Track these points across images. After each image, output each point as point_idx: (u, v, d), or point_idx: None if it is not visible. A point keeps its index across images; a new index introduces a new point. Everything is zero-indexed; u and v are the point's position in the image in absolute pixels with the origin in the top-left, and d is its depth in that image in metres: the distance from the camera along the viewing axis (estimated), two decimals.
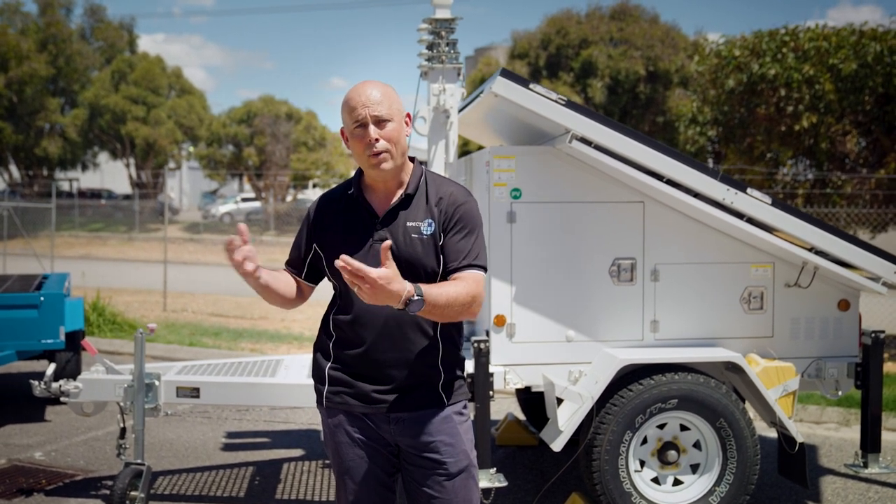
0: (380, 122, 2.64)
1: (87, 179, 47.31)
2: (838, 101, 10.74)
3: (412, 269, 2.67)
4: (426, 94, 5.27)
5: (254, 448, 6.21)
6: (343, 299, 2.77)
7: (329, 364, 2.80)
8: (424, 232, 2.71)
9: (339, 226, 2.77)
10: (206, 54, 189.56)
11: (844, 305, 4.90)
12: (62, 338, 6.62)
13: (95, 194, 43.13)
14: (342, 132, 2.77)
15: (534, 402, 6.31)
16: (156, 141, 34.78)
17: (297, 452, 6.09)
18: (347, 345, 2.76)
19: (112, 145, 37.25)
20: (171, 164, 38.38)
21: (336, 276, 2.75)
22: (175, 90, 37.33)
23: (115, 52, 37.62)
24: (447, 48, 5.19)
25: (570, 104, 4.46)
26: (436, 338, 2.74)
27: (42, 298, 6.55)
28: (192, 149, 38.43)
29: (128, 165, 37.92)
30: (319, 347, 2.86)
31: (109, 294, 12.43)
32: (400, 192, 2.75)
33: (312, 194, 40.94)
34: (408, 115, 2.76)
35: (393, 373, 2.72)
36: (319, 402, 2.86)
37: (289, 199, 35.56)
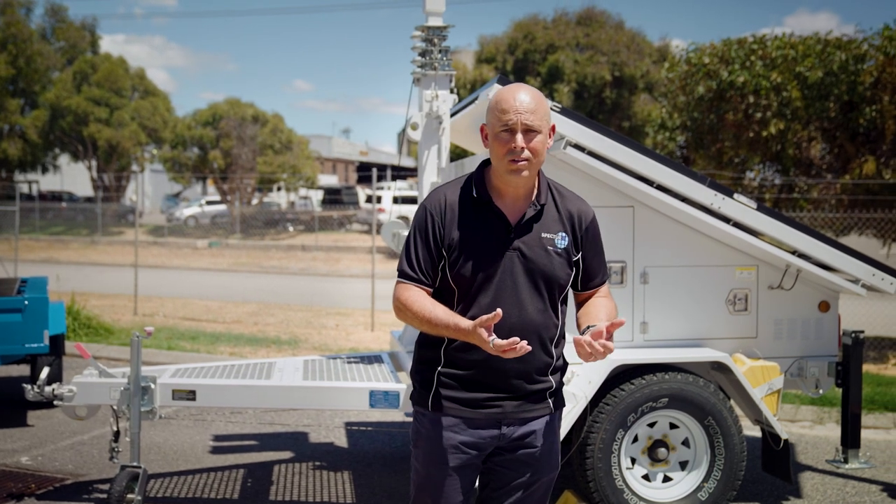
0: (529, 131, 2.63)
1: (46, 182, 46.58)
2: (805, 108, 11.02)
3: (546, 281, 2.72)
4: (419, 100, 5.35)
5: (242, 451, 6.23)
6: (464, 303, 2.70)
7: (440, 367, 2.75)
8: (559, 245, 2.73)
9: (467, 229, 2.70)
10: (167, 55, 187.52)
11: (824, 307, 5.08)
12: (46, 342, 6.57)
13: (56, 197, 42.49)
14: (482, 129, 2.75)
15: None
16: (119, 143, 34.36)
17: (287, 454, 6.13)
18: (464, 350, 2.69)
19: (73, 147, 36.72)
20: (135, 167, 37.94)
21: (460, 281, 2.70)
22: (139, 92, 36.91)
23: (76, 52, 37.09)
24: (440, 55, 5.29)
25: (564, 111, 4.58)
26: (551, 350, 2.78)
27: (26, 302, 6.50)
28: (155, 151, 38.05)
29: (90, 168, 37.41)
30: (428, 348, 2.79)
31: (78, 298, 12.31)
32: (531, 200, 2.73)
33: (277, 197, 40.75)
34: (552, 128, 2.73)
35: (513, 381, 2.72)
36: (421, 403, 2.79)
37: (254, 202, 35.35)
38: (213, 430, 6.75)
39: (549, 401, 2.81)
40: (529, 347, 2.48)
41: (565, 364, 2.87)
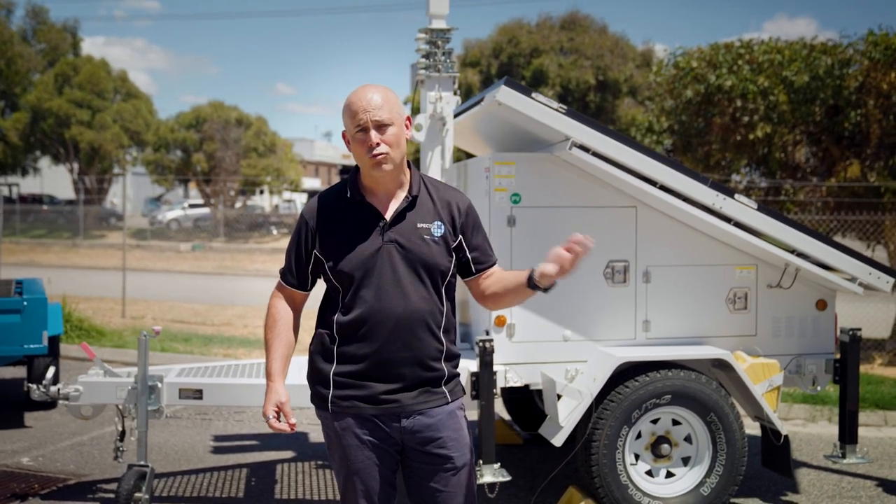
0: (380, 126, 2.71)
1: (26, 184, 46.19)
2: (791, 112, 11.17)
3: (427, 269, 2.78)
4: (422, 101, 5.41)
5: (244, 450, 6.26)
6: (349, 300, 2.78)
7: (333, 367, 2.81)
8: (435, 233, 2.80)
9: (343, 229, 2.79)
10: (148, 58, 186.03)
11: (822, 305, 5.18)
12: (45, 343, 6.56)
13: (36, 199, 42.12)
14: (344, 135, 2.83)
15: (519, 401, 6.49)
16: (101, 145, 34.15)
17: (289, 454, 6.16)
18: (355, 345, 2.78)
19: (55, 150, 36.47)
20: (116, 169, 37.72)
21: (342, 279, 2.78)
22: (121, 94, 36.72)
23: (58, 54, 36.86)
24: (443, 57, 5.34)
25: (570, 112, 4.66)
26: (440, 336, 2.83)
27: (25, 303, 6.49)
28: (136, 154, 37.85)
29: (71, 170, 37.15)
30: (319, 350, 2.86)
31: (68, 300, 12.24)
32: (403, 194, 2.82)
33: (261, 200, 40.65)
34: (408, 119, 2.83)
35: (403, 371, 2.77)
36: (322, 406, 2.86)
37: (238, 205, 35.23)
38: (212, 431, 6.76)
39: (445, 390, 2.86)
40: (290, 430, 2.81)
41: (458, 354, 2.93)
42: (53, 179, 47.04)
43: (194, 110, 34.03)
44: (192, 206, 37.40)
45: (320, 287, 2.96)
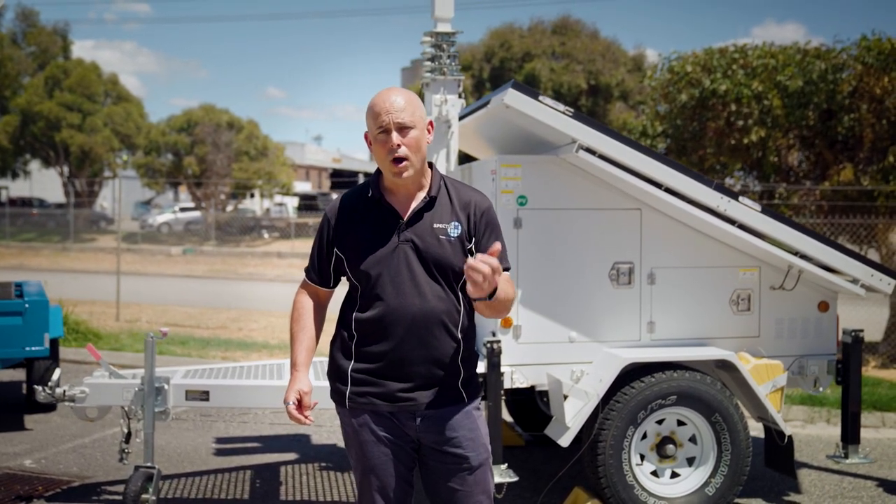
0: (403, 128, 2.74)
1: (16, 188, 45.95)
2: (785, 116, 11.25)
3: (440, 269, 2.81)
4: (427, 104, 5.44)
5: (246, 453, 6.26)
6: (367, 298, 2.82)
7: (352, 364, 2.86)
8: (451, 234, 2.83)
9: (362, 227, 2.84)
10: (138, 61, 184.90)
11: (824, 307, 5.24)
12: (47, 345, 6.55)
13: (26, 203, 41.90)
14: (366, 136, 2.85)
15: (521, 403, 6.51)
16: (91, 149, 34.02)
17: (291, 456, 6.16)
18: (372, 343, 2.82)
19: (45, 153, 36.30)
20: (107, 173, 37.59)
21: (359, 277, 2.83)
22: (111, 97, 36.60)
23: (48, 57, 36.69)
24: (448, 60, 5.37)
25: (576, 115, 4.69)
26: (457, 335, 2.85)
27: (27, 305, 6.47)
28: (125, 157, 37.73)
29: (61, 174, 37.00)
30: (339, 347, 2.91)
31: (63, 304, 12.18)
32: (422, 195, 2.85)
33: (252, 204, 40.58)
34: (430, 123, 2.86)
35: (419, 370, 2.80)
36: (340, 402, 2.90)
37: (229, 208, 35.15)
38: (214, 433, 6.76)
39: (462, 390, 2.88)
40: (307, 422, 2.87)
41: (476, 355, 2.96)
42: (43, 183, 46.79)
43: (185, 113, 33.96)
44: (182, 209, 37.29)
45: (343, 287, 2.99)
